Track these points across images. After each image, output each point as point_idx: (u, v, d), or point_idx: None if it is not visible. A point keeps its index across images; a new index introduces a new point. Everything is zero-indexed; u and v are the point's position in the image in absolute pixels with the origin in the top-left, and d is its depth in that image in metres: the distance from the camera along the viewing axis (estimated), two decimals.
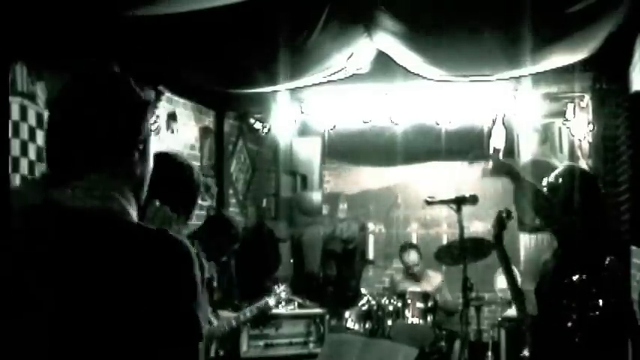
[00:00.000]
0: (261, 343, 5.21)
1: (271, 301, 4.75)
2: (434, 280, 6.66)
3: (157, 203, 2.15)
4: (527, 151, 6.49)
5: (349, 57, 4.53)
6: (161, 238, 1.37)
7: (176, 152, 3.12)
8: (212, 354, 4.38)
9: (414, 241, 8.15)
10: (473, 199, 4.06)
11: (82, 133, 1.41)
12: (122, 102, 1.45)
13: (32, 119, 3.93)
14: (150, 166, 1.52)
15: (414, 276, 6.68)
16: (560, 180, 3.17)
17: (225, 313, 4.55)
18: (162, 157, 2.84)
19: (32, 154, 3.92)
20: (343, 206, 8.13)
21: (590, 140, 5.40)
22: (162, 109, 5.35)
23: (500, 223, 3.57)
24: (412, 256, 6.72)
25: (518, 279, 6.29)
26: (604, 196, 4.78)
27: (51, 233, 1.35)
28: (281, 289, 4.83)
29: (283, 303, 4.88)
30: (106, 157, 1.41)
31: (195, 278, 1.37)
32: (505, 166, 3.61)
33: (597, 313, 2.86)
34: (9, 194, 3.71)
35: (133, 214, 1.43)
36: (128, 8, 3.30)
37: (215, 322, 4.12)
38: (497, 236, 3.57)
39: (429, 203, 4.36)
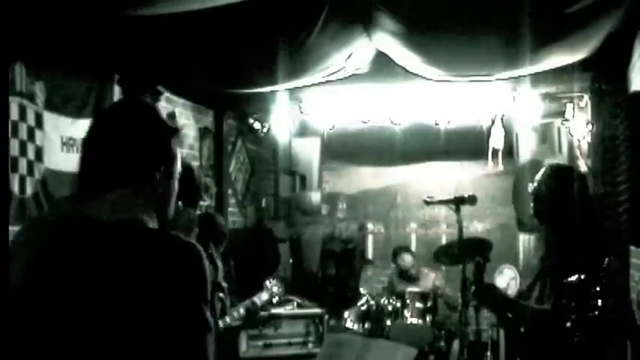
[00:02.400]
0: (260, 343, 5.21)
1: (264, 295, 4.71)
2: (431, 278, 6.66)
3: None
4: (526, 151, 6.50)
5: (348, 57, 4.53)
6: (174, 242, 1.54)
7: None
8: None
9: (413, 241, 8.16)
10: (472, 199, 4.05)
11: (113, 157, 1.60)
12: (147, 128, 1.64)
13: (31, 119, 3.93)
14: (176, 184, 1.70)
15: (410, 277, 6.68)
16: (541, 179, 3.21)
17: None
18: None
19: (31, 154, 3.92)
20: (342, 206, 8.14)
21: (589, 140, 5.40)
22: (162, 109, 5.34)
23: (478, 268, 3.49)
24: (407, 259, 6.71)
25: (518, 280, 6.32)
26: (592, 194, 4.82)
27: (79, 241, 1.53)
28: (273, 283, 4.80)
29: (277, 297, 4.84)
30: (129, 178, 1.60)
31: (205, 279, 1.52)
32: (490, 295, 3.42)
33: (596, 313, 2.86)
34: (8, 194, 3.70)
35: (151, 224, 1.60)
36: (128, 8, 3.30)
37: (221, 324, 4.11)
38: (477, 289, 3.41)
39: (427, 203, 4.35)
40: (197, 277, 1.51)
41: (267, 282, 4.81)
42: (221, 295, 3.34)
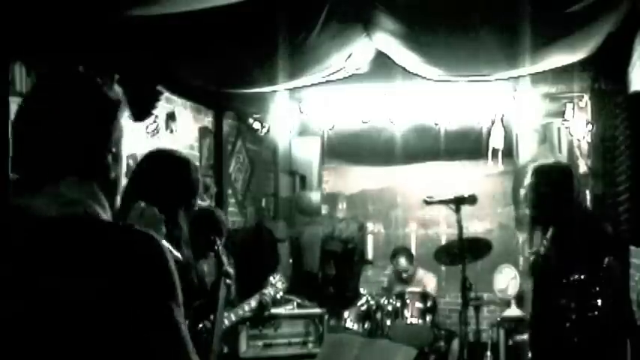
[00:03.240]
0: (260, 343, 5.20)
1: (269, 290, 4.69)
2: (424, 282, 6.64)
3: (142, 204, 2.12)
4: (526, 151, 6.50)
5: (348, 57, 4.53)
6: (133, 235, 1.35)
7: (172, 149, 3.12)
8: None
9: (413, 241, 8.16)
10: (472, 199, 4.05)
11: (50, 138, 1.37)
12: (89, 103, 1.42)
13: None
14: (122, 168, 1.49)
15: (405, 280, 6.69)
16: (531, 178, 3.23)
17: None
18: (159, 155, 2.85)
19: None
20: (342, 206, 8.14)
21: (589, 140, 5.40)
22: (161, 108, 5.34)
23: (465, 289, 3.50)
24: (401, 262, 6.72)
25: (518, 279, 6.32)
26: (592, 194, 4.82)
27: (17, 241, 1.31)
28: (277, 279, 4.79)
29: (281, 293, 4.82)
30: (76, 162, 1.38)
31: (170, 276, 1.34)
32: None
33: (596, 313, 2.86)
34: (8, 194, 3.70)
35: (105, 217, 1.40)
36: (128, 8, 3.30)
37: (225, 322, 4.10)
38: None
39: (427, 203, 4.35)
40: (161, 274, 1.33)
41: (272, 278, 4.80)
42: (228, 281, 3.32)
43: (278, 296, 4.80)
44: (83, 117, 1.40)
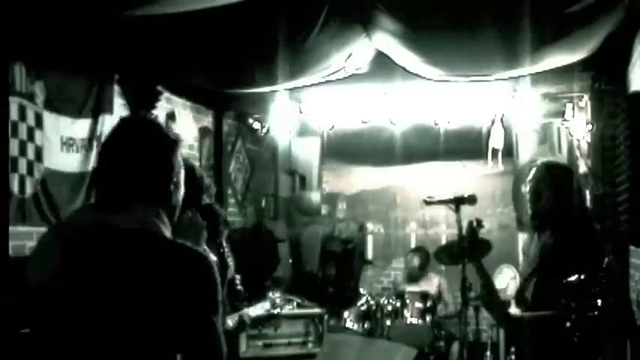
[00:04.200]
0: (260, 343, 5.20)
1: (266, 305, 4.76)
2: (436, 283, 6.67)
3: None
4: (526, 151, 6.49)
5: (348, 57, 4.53)
6: (187, 251, 1.72)
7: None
8: None
9: (413, 241, 8.15)
10: (471, 199, 4.04)
11: (126, 171, 1.74)
12: (155, 144, 1.77)
13: (31, 119, 3.93)
14: (182, 195, 1.85)
15: (414, 279, 6.69)
16: (532, 175, 3.24)
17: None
18: None
19: (31, 154, 3.92)
20: (342, 206, 8.13)
21: (589, 140, 5.40)
22: (161, 108, 5.35)
23: (472, 232, 3.52)
24: (415, 261, 6.75)
25: (518, 279, 6.32)
26: (592, 194, 4.82)
27: (104, 247, 1.67)
28: (275, 296, 4.85)
29: (278, 309, 4.88)
30: (146, 190, 1.74)
31: (215, 287, 1.68)
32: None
33: (596, 313, 2.86)
34: (8, 194, 3.70)
35: (167, 233, 1.75)
36: (128, 8, 3.30)
37: (230, 323, 4.10)
38: (470, 247, 3.51)
39: (427, 203, 4.34)
40: (207, 286, 1.68)
41: (271, 293, 4.84)
42: (239, 287, 3.35)
43: (275, 312, 4.84)
44: (151, 155, 1.77)
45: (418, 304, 6.01)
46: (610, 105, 4.84)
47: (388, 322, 6.00)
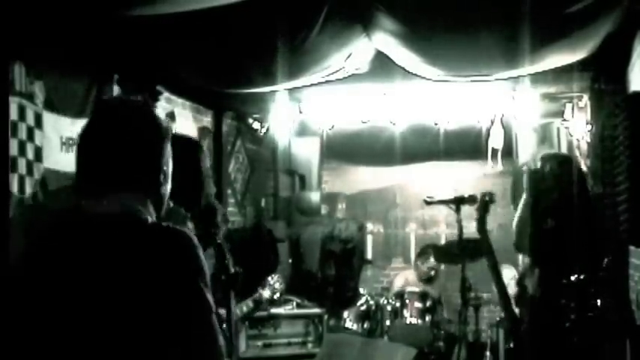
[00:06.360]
0: (260, 343, 5.21)
1: (265, 293, 4.68)
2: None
3: (171, 204, 2.26)
4: (526, 151, 6.50)
5: (348, 57, 4.53)
6: (170, 231, 1.66)
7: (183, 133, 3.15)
8: None
9: (413, 241, 8.16)
10: (472, 199, 4.06)
11: (111, 157, 1.66)
12: (144, 130, 1.70)
13: (31, 119, 3.92)
14: (169, 186, 1.79)
15: (428, 280, 6.64)
16: (535, 167, 3.25)
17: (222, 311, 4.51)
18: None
19: (30, 154, 3.91)
20: (342, 206, 8.13)
21: (589, 140, 5.40)
22: (161, 108, 5.34)
23: (484, 206, 3.55)
24: (431, 260, 6.70)
25: (516, 275, 6.32)
26: (592, 194, 4.82)
27: (85, 233, 1.64)
28: (275, 280, 4.78)
29: (278, 294, 4.81)
30: (133, 178, 1.68)
31: (200, 262, 1.63)
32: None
33: (596, 313, 2.86)
34: (8, 194, 3.70)
35: (150, 219, 1.69)
36: (127, 8, 3.30)
37: (245, 308, 4.07)
38: (480, 220, 3.55)
39: (427, 203, 4.36)
40: (193, 261, 1.62)
41: (270, 278, 4.78)
42: (233, 270, 3.33)
43: (275, 297, 4.79)
44: (139, 141, 1.69)
45: (418, 304, 6.01)
46: (610, 105, 4.84)
47: (388, 322, 6.00)
